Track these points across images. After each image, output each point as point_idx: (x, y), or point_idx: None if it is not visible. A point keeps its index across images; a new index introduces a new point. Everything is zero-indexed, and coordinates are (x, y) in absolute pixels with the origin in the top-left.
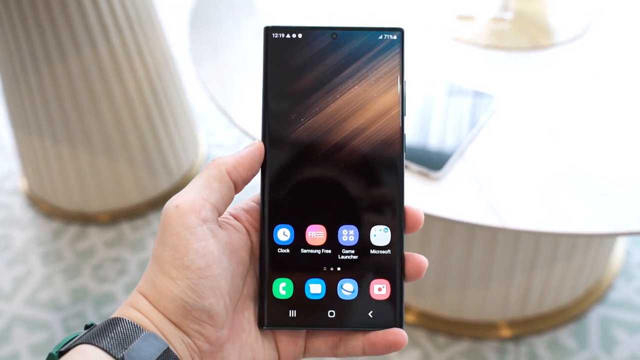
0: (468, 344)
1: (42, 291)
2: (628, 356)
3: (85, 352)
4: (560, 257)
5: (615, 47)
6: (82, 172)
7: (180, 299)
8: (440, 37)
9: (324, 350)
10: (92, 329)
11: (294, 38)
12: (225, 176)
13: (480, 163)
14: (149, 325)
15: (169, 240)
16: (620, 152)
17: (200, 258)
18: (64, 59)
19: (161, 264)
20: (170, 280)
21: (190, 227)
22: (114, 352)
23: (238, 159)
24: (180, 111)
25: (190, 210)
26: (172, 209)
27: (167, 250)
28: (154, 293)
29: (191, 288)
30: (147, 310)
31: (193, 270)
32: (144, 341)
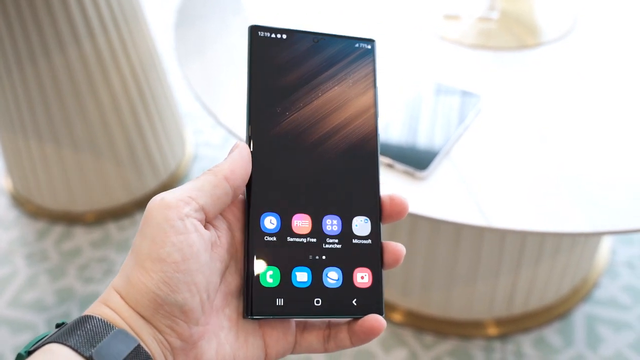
0: (455, 342)
1: (26, 292)
2: (613, 353)
3: (53, 351)
4: (546, 255)
5: (601, 46)
6: (67, 171)
7: (152, 292)
8: (427, 36)
9: (316, 346)
10: (62, 327)
11: (278, 38)
12: (222, 182)
13: (466, 162)
14: (120, 322)
15: (148, 231)
16: (606, 152)
17: (177, 251)
18: (48, 57)
19: (138, 255)
20: (145, 272)
21: (171, 220)
22: (82, 350)
23: (232, 162)
24: (166, 110)
25: (174, 205)
26: (157, 201)
27: (145, 242)
28: (127, 287)
29: (164, 281)
30: (119, 307)
31: (168, 263)
32: (114, 338)
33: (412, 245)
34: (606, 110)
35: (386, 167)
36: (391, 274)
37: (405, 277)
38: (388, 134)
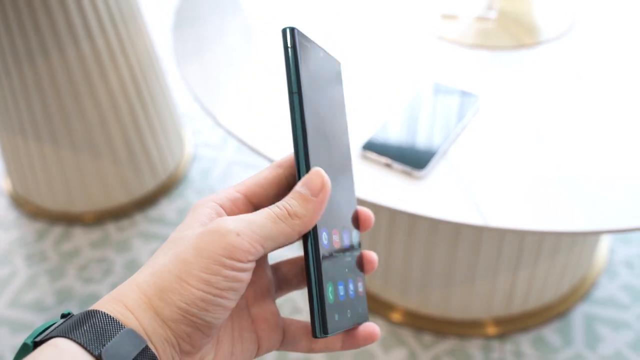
0: (454, 342)
1: (26, 292)
2: (612, 353)
3: (60, 346)
4: (545, 255)
5: (599, 46)
6: (66, 172)
7: (186, 305)
8: (425, 36)
9: (303, 343)
10: (69, 319)
11: (310, 47)
12: (294, 235)
13: (464, 162)
14: (130, 321)
15: (206, 254)
16: (604, 151)
17: (226, 282)
18: (46, 58)
19: (184, 267)
20: (186, 286)
21: (235, 259)
22: (92, 348)
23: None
24: (165, 110)
25: (245, 247)
26: (233, 235)
27: (198, 261)
28: (158, 292)
29: (203, 300)
30: (136, 305)
31: (215, 288)
32: (123, 338)
33: (410, 245)
34: (604, 109)
35: (384, 166)
36: (390, 274)
37: (404, 277)
38: (386, 133)
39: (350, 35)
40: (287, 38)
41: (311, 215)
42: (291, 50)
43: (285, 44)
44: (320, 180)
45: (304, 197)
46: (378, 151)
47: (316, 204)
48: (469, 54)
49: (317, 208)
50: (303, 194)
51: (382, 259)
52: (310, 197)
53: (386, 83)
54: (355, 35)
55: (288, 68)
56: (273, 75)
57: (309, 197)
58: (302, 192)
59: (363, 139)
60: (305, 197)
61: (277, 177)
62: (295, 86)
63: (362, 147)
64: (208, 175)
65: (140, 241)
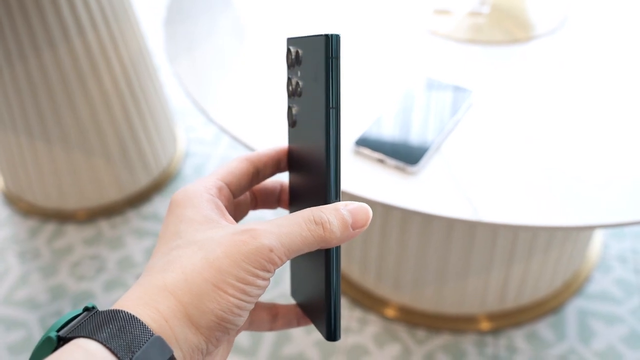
0: (447, 337)
1: (18, 290)
2: (605, 347)
3: (88, 350)
4: (538, 250)
5: (592, 41)
6: (58, 169)
7: (223, 313)
8: (418, 31)
9: (265, 323)
10: (94, 315)
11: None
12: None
13: (457, 157)
14: (163, 328)
15: (243, 265)
16: (597, 146)
17: (258, 290)
18: (38, 55)
19: (222, 277)
20: (224, 295)
21: (266, 271)
22: (121, 355)
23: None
24: (157, 107)
25: (275, 262)
26: (266, 251)
27: (235, 271)
28: (194, 300)
29: (238, 307)
30: (169, 312)
31: (249, 295)
32: (152, 346)
33: (404, 241)
34: (597, 104)
35: (377, 162)
36: (384, 270)
37: (397, 272)
38: (379, 129)
39: (342, 31)
40: (331, 47)
41: (341, 239)
42: (334, 61)
43: (328, 53)
44: (366, 218)
45: (345, 223)
46: (371, 147)
47: (350, 235)
48: (461, 48)
49: (349, 238)
50: (346, 220)
51: (375, 254)
52: (350, 226)
53: (379, 78)
54: (347, 31)
55: (328, 80)
56: (265, 71)
57: (349, 225)
58: (346, 218)
59: (356, 134)
60: (347, 223)
61: (247, 169)
62: (334, 101)
63: (355, 142)
64: (201, 171)
65: (133, 238)
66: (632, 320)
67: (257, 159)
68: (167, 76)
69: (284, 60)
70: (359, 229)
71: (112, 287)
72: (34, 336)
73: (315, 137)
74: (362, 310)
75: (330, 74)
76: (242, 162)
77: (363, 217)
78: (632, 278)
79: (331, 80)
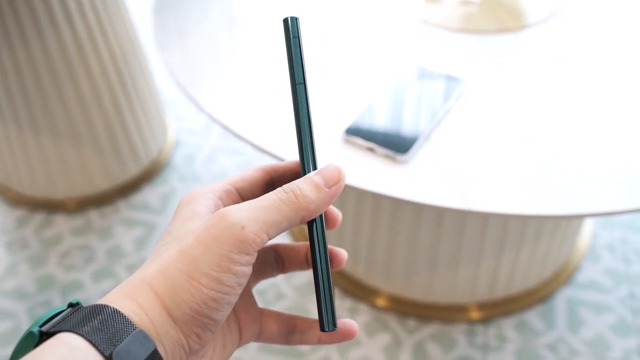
0: (438, 326)
1: (6, 280)
2: (593, 336)
3: (70, 343)
4: (528, 239)
5: (584, 30)
6: (47, 158)
7: (197, 305)
8: (409, 20)
9: (277, 336)
10: (78, 310)
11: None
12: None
13: (447, 146)
14: (143, 321)
15: (215, 250)
16: (587, 135)
17: (236, 279)
18: (25, 44)
19: (195, 266)
20: (198, 286)
21: (244, 250)
22: (103, 348)
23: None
24: (147, 95)
25: (250, 239)
26: (238, 229)
27: (208, 257)
28: (170, 293)
29: (214, 299)
30: (150, 306)
31: (225, 286)
32: (134, 339)
33: (394, 231)
34: (588, 93)
35: (367, 151)
36: (374, 259)
37: (388, 262)
38: (369, 118)
39: (333, 19)
40: (290, 28)
41: (320, 203)
42: (294, 41)
43: (288, 34)
44: (337, 174)
45: (316, 185)
46: (361, 135)
47: (327, 195)
48: (453, 37)
49: (327, 199)
50: (316, 181)
51: (365, 244)
52: (323, 186)
53: (370, 67)
54: (338, 19)
55: (291, 58)
56: (257, 60)
57: (321, 186)
58: (316, 180)
59: (346, 123)
60: (318, 185)
61: (261, 179)
62: (300, 76)
63: (345, 131)
64: (191, 161)
65: (122, 228)
66: (620, 309)
67: (273, 170)
68: (158, 66)
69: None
70: (334, 186)
71: (102, 277)
72: (22, 326)
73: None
74: (352, 300)
75: (291, 52)
76: (256, 171)
77: (334, 175)
78: (621, 267)
79: (294, 57)
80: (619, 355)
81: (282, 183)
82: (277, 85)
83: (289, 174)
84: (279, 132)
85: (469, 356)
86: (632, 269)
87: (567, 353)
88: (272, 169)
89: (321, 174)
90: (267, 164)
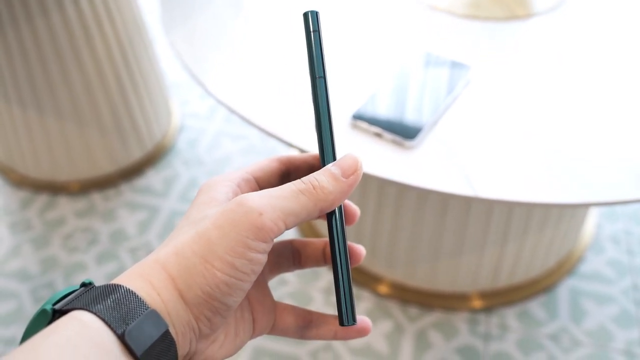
0: (440, 314)
1: (10, 261)
2: (596, 326)
3: (82, 320)
4: (532, 229)
5: (592, 19)
6: (51, 140)
7: (210, 288)
8: (417, 5)
9: (292, 329)
10: (90, 289)
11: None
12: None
13: (454, 133)
14: (155, 301)
15: (232, 235)
16: (594, 124)
17: (250, 265)
18: (30, 23)
19: (210, 249)
20: (211, 269)
21: (260, 238)
22: (115, 326)
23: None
24: (152, 78)
25: (268, 227)
26: (255, 215)
27: (224, 242)
28: (183, 274)
29: (226, 284)
30: (163, 286)
31: (239, 272)
32: (146, 319)
33: (398, 217)
34: (595, 82)
35: (374, 136)
36: (377, 247)
37: (391, 249)
38: (376, 103)
39: (340, 4)
40: (310, 22)
41: (338, 194)
42: (314, 35)
43: (308, 27)
44: (355, 164)
45: (333, 176)
46: (368, 120)
47: (344, 185)
48: (460, 24)
49: (345, 189)
50: (333, 172)
51: (369, 231)
52: (341, 177)
53: (377, 52)
54: (346, 4)
55: (311, 52)
56: (263, 43)
57: (339, 176)
58: (333, 171)
59: (353, 108)
60: (336, 176)
61: (277, 169)
62: (320, 70)
63: (353, 116)
64: (195, 145)
65: (125, 211)
66: (623, 301)
67: (288, 161)
68: (163, 48)
69: None
70: (352, 175)
71: (104, 260)
72: (25, 307)
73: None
74: (355, 286)
75: (312, 45)
76: (272, 161)
77: (351, 163)
78: (625, 259)
79: (314, 50)
80: (621, 346)
81: (297, 175)
82: (283, 69)
83: (305, 167)
84: (285, 116)
85: (470, 345)
86: (636, 261)
87: (569, 343)
88: (288, 160)
89: (338, 165)
90: (284, 155)
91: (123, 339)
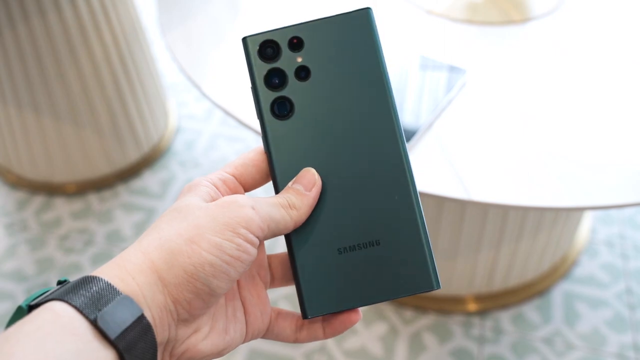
0: (434, 317)
1: (5, 261)
2: (589, 330)
3: (55, 310)
4: (527, 232)
5: (588, 23)
6: (47, 141)
7: (193, 267)
8: (414, 9)
9: (288, 332)
10: (65, 285)
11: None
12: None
13: (449, 136)
14: (129, 286)
15: (222, 219)
16: (589, 128)
17: (237, 251)
18: (27, 24)
19: (197, 231)
20: (197, 249)
21: (250, 230)
22: (87, 312)
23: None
24: (149, 80)
25: (257, 221)
26: (248, 208)
27: (213, 224)
28: (162, 253)
29: (211, 264)
30: (136, 270)
31: (226, 254)
32: (119, 304)
33: None
34: (591, 87)
35: None
36: None
37: None
38: None
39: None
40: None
41: (305, 207)
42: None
43: (373, 23)
44: (312, 177)
45: (298, 192)
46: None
47: (309, 198)
48: (457, 28)
49: (310, 202)
50: (297, 189)
51: None
52: (304, 192)
53: None
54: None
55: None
56: None
57: (302, 192)
58: (296, 188)
59: None
60: (299, 192)
61: (261, 161)
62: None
63: None
64: (192, 147)
65: (122, 212)
66: (617, 305)
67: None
68: (160, 50)
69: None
70: (313, 187)
71: (100, 261)
72: None
73: (354, 112)
74: None
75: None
76: (258, 153)
77: (309, 178)
78: (619, 263)
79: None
80: (615, 350)
81: None
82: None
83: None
84: None
85: (465, 348)
86: (630, 265)
87: (563, 347)
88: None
89: (298, 182)
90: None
91: (96, 324)
